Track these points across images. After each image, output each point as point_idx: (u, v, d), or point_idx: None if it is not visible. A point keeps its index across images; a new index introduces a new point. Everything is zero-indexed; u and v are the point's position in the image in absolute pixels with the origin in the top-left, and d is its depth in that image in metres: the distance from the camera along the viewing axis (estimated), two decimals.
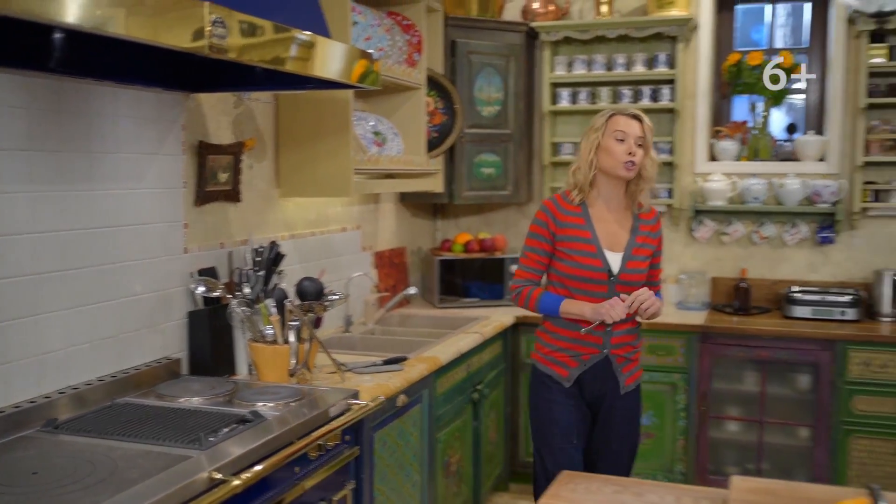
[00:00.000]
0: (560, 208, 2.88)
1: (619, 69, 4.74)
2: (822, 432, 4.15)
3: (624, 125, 2.83)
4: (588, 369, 2.87)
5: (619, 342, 2.87)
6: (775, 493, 1.72)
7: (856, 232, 4.59)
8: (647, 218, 2.95)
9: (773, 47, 4.96)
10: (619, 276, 2.82)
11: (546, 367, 2.93)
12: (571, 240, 2.83)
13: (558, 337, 2.90)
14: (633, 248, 2.86)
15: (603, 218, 2.87)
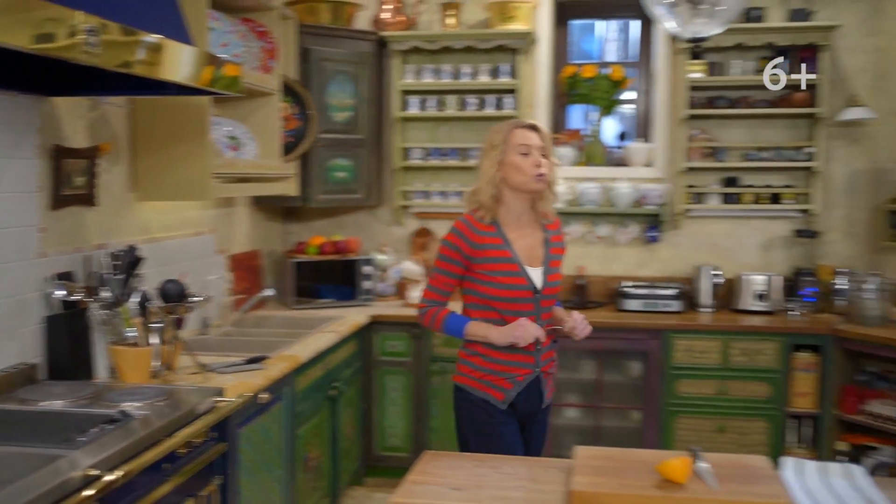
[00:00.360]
0: (474, 229, 2.74)
1: (466, 78, 4.99)
2: (651, 414, 4.54)
3: (526, 138, 2.73)
4: (522, 389, 2.77)
5: (546, 358, 2.83)
6: (613, 458, 1.96)
7: (679, 231, 5.04)
8: (553, 228, 2.89)
9: (605, 60, 5.35)
10: (543, 291, 2.76)
11: (480, 392, 2.78)
12: (491, 261, 2.71)
13: (491, 359, 2.76)
14: (550, 260, 2.81)
15: (517, 233, 2.78)
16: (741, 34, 4.68)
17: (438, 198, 5.11)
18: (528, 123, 2.79)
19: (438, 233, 5.22)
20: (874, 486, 1.85)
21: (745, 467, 1.91)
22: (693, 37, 2.21)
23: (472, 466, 2.01)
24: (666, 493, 1.74)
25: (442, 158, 5.08)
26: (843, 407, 4.49)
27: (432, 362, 4.62)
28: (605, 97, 4.96)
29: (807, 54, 4.75)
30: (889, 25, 4.76)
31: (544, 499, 1.81)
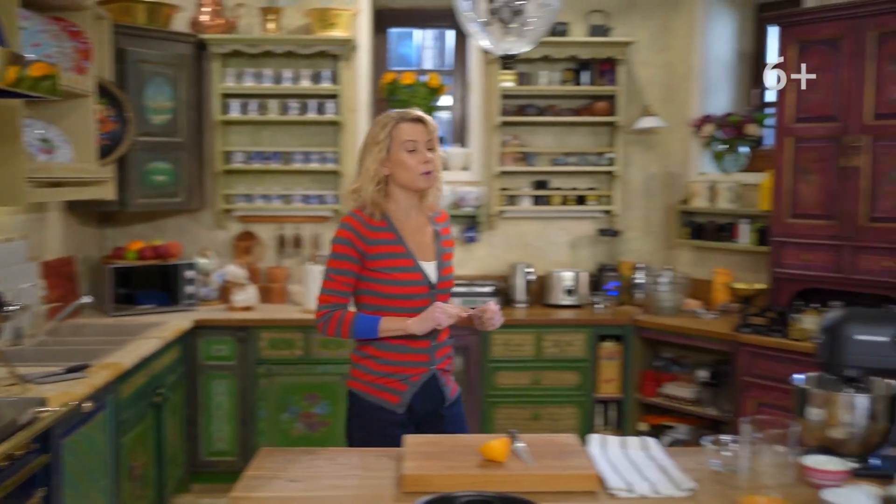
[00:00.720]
0: (366, 225, 2.58)
1: (287, 83, 5.04)
2: (473, 406, 4.78)
3: (412, 132, 2.59)
4: (418, 390, 2.64)
5: (441, 355, 2.70)
6: (439, 444, 2.12)
7: (494, 232, 5.32)
8: (441, 221, 2.78)
9: (423, 68, 5.56)
10: (438, 285, 2.64)
11: (373, 397, 2.63)
12: (385, 257, 2.58)
13: (384, 361, 2.61)
14: (443, 254, 2.70)
15: (408, 228, 2.66)
16: (548, 47, 5.01)
17: (261, 201, 5.12)
18: (413, 115, 2.62)
19: (262, 236, 5.24)
20: (665, 454, 2.11)
21: (557, 445, 2.13)
22: (504, 53, 2.40)
23: (309, 459, 2.11)
24: (487, 471, 1.92)
25: (264, 162, 5.10)
26: (644, 390, 4.91)
27: (258, 365, 4.65)
28: (424, 103, 5.15)
29: (606, 67, 5.15)
30: (677, 43, 5.24)
31: (377, 484, 1.94)
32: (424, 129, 2.62)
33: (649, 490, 1.88)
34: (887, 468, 2.01)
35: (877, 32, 3.88)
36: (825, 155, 4.08)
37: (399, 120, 2.61)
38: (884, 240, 3.90)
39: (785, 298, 4.30)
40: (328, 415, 4.69)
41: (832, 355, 2.07)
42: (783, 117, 4.24)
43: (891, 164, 3.86)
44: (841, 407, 2.03)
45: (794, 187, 4.23)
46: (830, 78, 4.04)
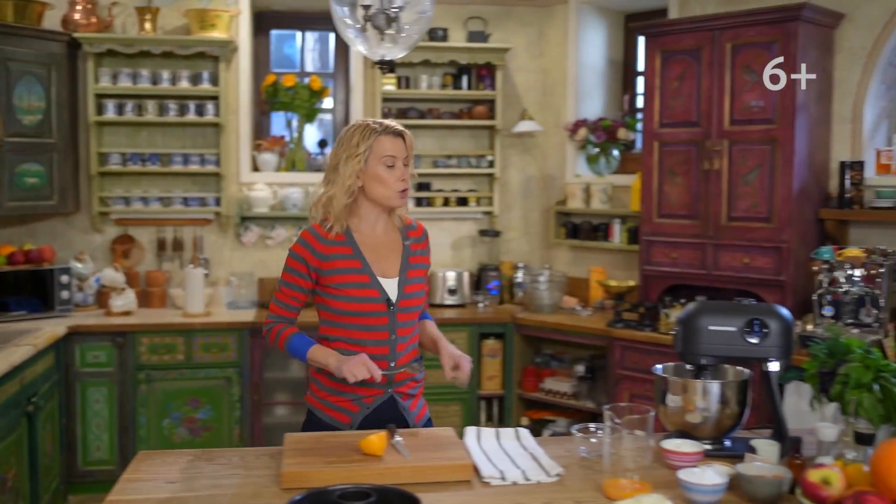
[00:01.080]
0: (321, 239, 2.46)
1: (165, 84, 4.96)
2: None
3: (392, 147, 2.44)
4: (372, 412, 2.48)
5: (403, 378, 2.52)
6: (320, 441, 2.16)
7: None
8: (415, 235, 2.60)
9: (305, 70, 5.57)
10: (399, 303, 2.48)
11: (325, 415, 2.51)
12: (340, 272, 2.44)
13: (336, 379, 2.45)
14: (408, 269, 2.53)
15: (371, 243, 2.51)
16: (428, 52, 5.11)
17: (139, 204, 5.02)
18: (394, 129, 2.48)
19: (141, 239, 5.14)
20: (535, 443, 2.22)
21: (435, 438, 2.20)
22: (380, 59, 2.47)
23: (187, 461, 2.12)
24: (365, 465, 1.97)
25: (142, 164, 5.00)
26: (525, 386, 5.07)
27: (138, 371, 4.56)
28: (306, 105, 5.17)
29: (485, 72, 5.29)
30: (552, 50, 5.43)
31: (257, 482, 1.97)
32: (403, 145, 2.49)
33: (520, 477, 1.98)
34: (738, 449, 2.17)
35: (732, 44, 4.13)
36: (689, 158, 4.32)
37: (380, 132, 2.45)
38: (741, 238, 4.16)
39: (654, 294, 4.52)
40: (211, 419, 4.64)
41: (687, 345, 2.22)
42: (650, 122, 4.47)
43: (747, 167, 4.12)
44: (696, 393, 2.19)
45: (661, 189, 4.45)
46: (692, 85, 4.29)
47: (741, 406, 2.20)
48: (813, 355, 2.27)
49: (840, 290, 3.82)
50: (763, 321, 2.16)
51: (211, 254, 5.20)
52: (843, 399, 2.11)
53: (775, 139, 4.03)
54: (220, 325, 4.65)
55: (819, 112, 4.16)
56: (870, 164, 4.16)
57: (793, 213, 4.02)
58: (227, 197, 5.12)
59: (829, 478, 1.60)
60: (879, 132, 4.25)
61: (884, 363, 2.12)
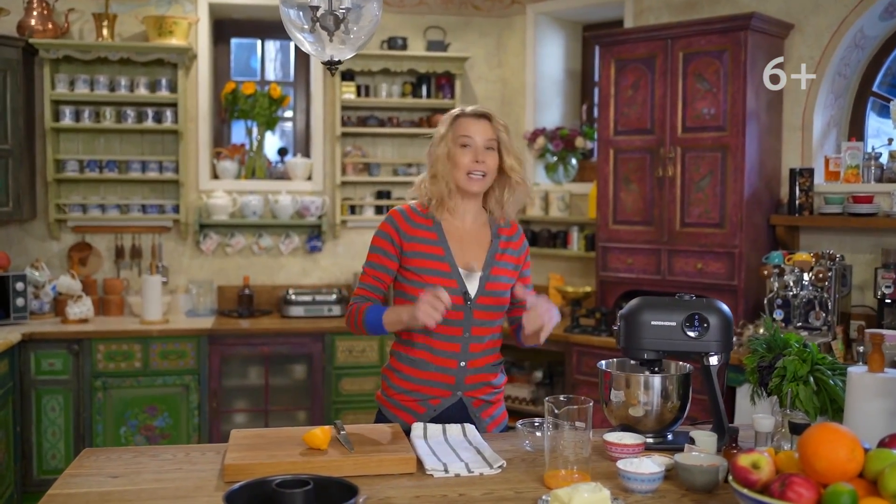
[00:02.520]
0: (408, 219, 2.41)
1: (123, 90, 4.94)
2: (317, 412, 4.81)
3: (469, 127, 2.37)
4: (439, 415, 2.39)
5: (474, 381, 2.42)
6: (264, 436, 2.17)
7: (338, 241, 5.38)
8: (508, 234, 2.51)
9: (266, 79, 5.58)
10: (477, 299, 2.38)
11: (391, 414, 2.44)
12: (421, 257, 2.38)
13: (403, 376, 2.41)
14: (493, 267, 2.43)
15: (458, 232, 2.43)
16: (387, 61, 5.15)
17: (97, 211, 4.99)
18: (475, 111, 2.42)
19: (99, 247, 5.11)
20: (480, 437, 2.24)
21: (380, 433, 2.22)
22: (329, 60, 2.49)
23: (131, 457, 2.11)
24: (309, 458, 1.98)
25: (100, 171, 4.98)
26: None
27: (94, 378, 4.52)
28: (266, 114, 5.18)
29: (444, 81, 5.33)
30: (511, 59, 5.49)
31: (200, 476, 1.97)
32: (487, 126, 2.39)
33: (463, 469, 1.99)
34: (680, 442, 2.21)
35: (684, 52, 4.21)
36: (643, 165, 4.39)
37: (459, 114, 2.42)
38: (695, 243, 4.22)
39: (611, 300, 4.57)
40: (169, 427, 4.61)
41: (630, 340, 2.26)
42: (605, 130, 4.53)
43: (699, 174, 4.19)
44: (638, 387, 2.22)
45: (616, 196, 4.51)
46: (646, 94, 4.36)
47: (683, 400, 2.24)
48: (753, 350, 2.32)
49: (790, 293, 3.89)
50: (703, 316, 2.20)
51: (169, 261, 5.18)
52: (781, 392, 2.16)
53: (726, 146, 4.10)
54: (178, 332, 4.63)
55: (769, 120, 4.24)
56: (819, 171, 4.25)
57: (744, 219, 4.09)
58: (185, 204, 5.10)
59: (759, 462, 1.63)
60: (828, 140, 4.35)
61: (820, 356, 2.17)
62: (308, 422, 4.83)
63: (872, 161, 4.09)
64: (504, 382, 2.55)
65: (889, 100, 4.14)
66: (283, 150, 5.50)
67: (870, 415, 1.92)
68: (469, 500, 1.84)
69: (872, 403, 1.92)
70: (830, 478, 1.57)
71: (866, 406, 1.93)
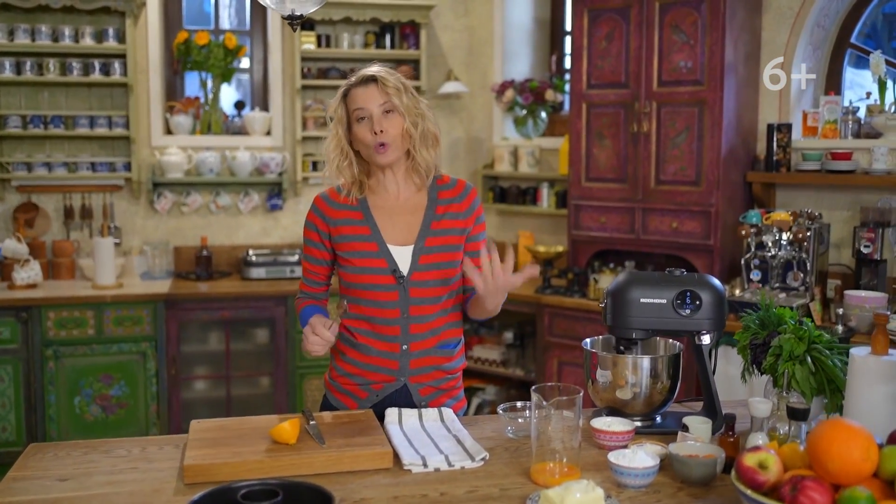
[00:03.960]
0: (331, 202, 2.24)
1: (68, 41, 4.64)
2: (280, 378, 4.66)
3: (362, 98, 2.14)
4: (382, 400, 2.24)
5: (421, 366, 2.24)
6: (227, 428, 2.00)
7: (299, 199, 5.17)
8: (449, 195, 2.26)
9: (220, 27, 5.29)
10: (411, 276, 2.18)
11: (334, 398, 2.32)
12: (348, 239, 2.21)
13: (347, 359, 2.28)
14: (428, 237, 2.21)
15: (387, 206, 2.24)
16: (349, 9, 4.90)
17: (43, 169, 4.72)
18: (361, 77, 2.17)
19: (46, 207, 4.85)
20: (459, 423, 2.11)
21: (354, 422, 2.07)
22: (290, 14, 2.28)
23: (82, 454, 1.94)
24: (276, 456, 1.83)
25: (44, 127, 4.70)
26: None
27: (45, 347, 4.31)
28: (221, 65, 4.92)
29: (409, 31, 5.10)
30: (477, 8, 5.26)
31: (158, 477, 1.81)
32: (378, 91, 2.14)
33: (443, 462, 1.86)
34: (670, 425, 2.10)
35: (660, 2, 4.03)
36: (617, 120, 4.23)
37: (347, 88, 2.19)
38: (670, 202, 4.09)
39: (583, 260, 4.45)
40: (126, 396, 4.43)
41: (617, 318, 2.12)
42: (577, 84, 4.35)
43: (675, 129, 4.05)
44: (626, 368, 2.09)
45: (589, 152, 4.36)
46: (620, 45, 4.18)
47: (673, 380, 2.12)
48: (745, 326, 2.20)
49: (768, 254, 3.79)
50: (694, 293, 2.07)
51: (122, 222, 4.94)
52: (776, 372, 2.05)
53: (703, 101, 3.96)
54: (133, 297, 4.42)
55: (747, 73, 4.10)
56: (797, 127, 4.14)
57: (721, 176, 3.96)
58: (137, 162, 4.85)
59: (766, 461, 1.51)
60: (807, 94, 4.22)
61: (816, 334, 2.06)
62: (272, 387, 4.68)
63: (850, 116, 3.98)
64: (461, 367, 2.34)
65: (868, 52, 4.02)
66: (240, 104, 5.25)
67: (873, 400, 1.82)
68: (452, 500, 1.71)
69: (876, 388, 1.81)
70: (844, 479, 1.46)
71: (869, 391, 1.82)
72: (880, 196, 3.83)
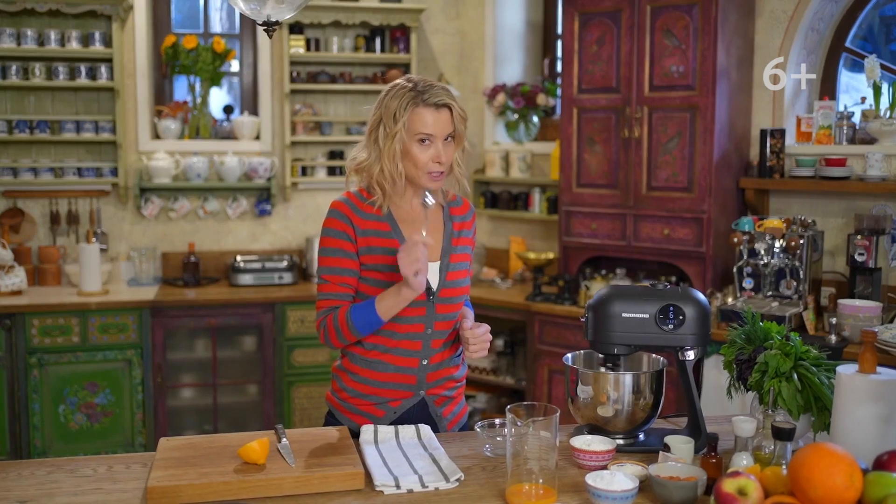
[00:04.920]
0: (358, 211, 2.16)
1: (54, 45, 4.58)
2: (268, 386, 4.61)
3: (429, 123, 2.09)
4: (399, 417, 2.20)
5: (437, 378, 2.23)
6: (196, 447, 1.95)
7: (289, 204, 5.12)
8: (461, 213, 2.29)
9: (210, 31, 5.23)
10: (440, 292, 2.18)
11: (346, 418, 2.23)
12: (377, 252, 2.15)
13: (360, 379, 2.20)
14: (451, 254, 2.22)
15: (411, 220, 2.20)
16: (338, 13, 4.84)
17: (29, 175, 4.66)
18: (436, 101, 2.10)
19: (32, 213, 4.79)
20: (437, 442, 2.05)
21: (327, 440, 2.01)
22: (266, 21, 2.23)
23: (46, 473, 1.88)
24: (244, 477, 1.77)
25: (30, 132, 4.64)
26: None
27: (30, 355, 4.25)
28: (209, 69, 4.86)
29: (399, 34, 5.04)
30: (469, 11, 5.20)
31: (122, 499, 1.75)
32: (447, 119, 2.10)
33: (417, 483, 1.80)
34: (653, 443, 2.04)
35: (651, 6, 3.97)
36: (608, 125, 4.17)
37: (417, 103, 2.09)
38: (661, 208, 4.04)
39: (574, 266, 4.39)
40: (111, 404, 4.38)
41: (599, 333, 2.06)
42: (568, 88, 4.29)
43: (666, 135, 3.99)
44: (607, 384, 2.04)
45: (580, 157, 4.30)
46: (611, 50, 4.12)
47: (656, 397, 2.06)
48: (731, 341, 2.14)
49: (760, 262, 3.74)
50: (678, 307, 2.01)
51: (109, 227, 4.88)
52: (762, 389, 1.99)
53: (695, 106, 3.90)
54: (118, 304, 4.36)
55: (740, 78, 4.05)
56: (790, 132, 4.08)
57: (713, 182, 3.91)
58: (125, 166, 4.79)
59: (746, 488, 1.46)
60: (800, 99, 4.17)
61: (804, 350, 2.00)
62: (259, 395, 4.63)
63: (845, 121, 3.92)
64: (465, 374, 2.36)
65: (863, 56, 3.96)
66: (228, 108, 5.19)
67: (861, 420, 1.76)
68: None
69: (863, 408, 1.75)
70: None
71: (857, 410, 1.76)
72: (875, 203, 3.77)
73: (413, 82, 2.14)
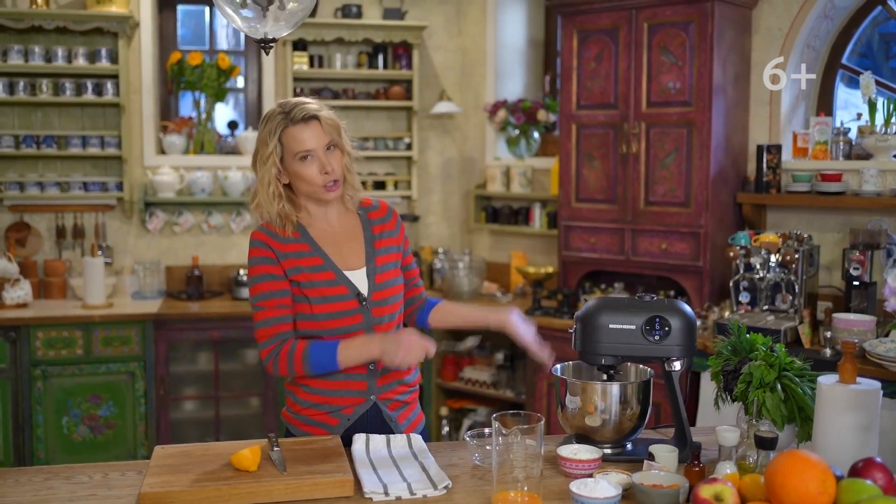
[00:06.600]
0: (276, 237, 2.19)
1: (61, 61, 4.66)
2: (270, 399, 4.64)
3: (304, 139, 2.12)
4: (353, 424, 2.22)
5: (387, 381, 2.26)
6: (190, 454, 1.99)
7: None
8: (379, 215, 2.32)
9: (216, 48, 5.31)
10: (372, 296, 2.22)
11: (301, 431, 2.25)
12: (303, 271, 2.18)
13: (310, 390, 2.23)
14: (376, 257, 2.26)
15: (327, 235, 2.24)
16: (341, 30, 4.91)
17: (35, 189, 4.74)
18: (301, 116, 2.13)
19: (38, 227, 4.85)
20: (427, 450, 2.08)
21: (318, 448, 2.04)
22: (263, 38, 2.28)
23: (42, 480, 1.93)
24: (236, 484, 1.80)
25: (37, 147, 4.71)
26: (444, 375, 4.94)
27: (34, 367, 4.31)
28: (214, 85, 4.93)
29: (401, 51, 5.10)
30: (470, 28, 5.27)
31: None
32: (319, 130, 2.14)
33: (405, 491, 1.84)
34: (640, 453, 2.07)
35: (649, 23, 4.02)
36: (606, 141, 4.22)
37: (286, 123, 2.13)
38: (659, 223, 4.07)
39: (574, 280, 4.43)
40: (114, 416, 4.42)
41: (587, 344, 2.10)
42: (567, 104, 4.34)
43: (664, 150, 4.03)
44: (594, 394, 2.07)
45: (579, 172, 4.34)
46: (609, 66, 4.17)
47: (643, 407, 2.10)
48: (717, 353, 2.17)
49: (756, 276, 3.76)
50: (664, 319, 2.04)
51: (114, 241, 4.94)
52: (747, 399, 2.02)
53: (692, 122, 3.94)
54: (122, 317, 4.42)
55: (736, 94, 4.09)
56: (787, 148, 4.11)
57: (710, 197, 3.94)
58: (130, 181, 4.86)
59: (721, 494, 1.49)
60: (797, 115, 4.20)
61: (788, 361, 2.03)
62: (261, 407, 4.66)
63: (841, 137, 3.96)
64: (418, 379, 2.39)
65: (859, 72, 4.00)
66: (233, 124, 5.26)
67: (841, 429, 1.79)
68: None
69: (844, 417, 1.78)
70: None
71: (837, 420, 1.79)
72: (870, 218, 3.80)
73: (282, 105, 2.19)
